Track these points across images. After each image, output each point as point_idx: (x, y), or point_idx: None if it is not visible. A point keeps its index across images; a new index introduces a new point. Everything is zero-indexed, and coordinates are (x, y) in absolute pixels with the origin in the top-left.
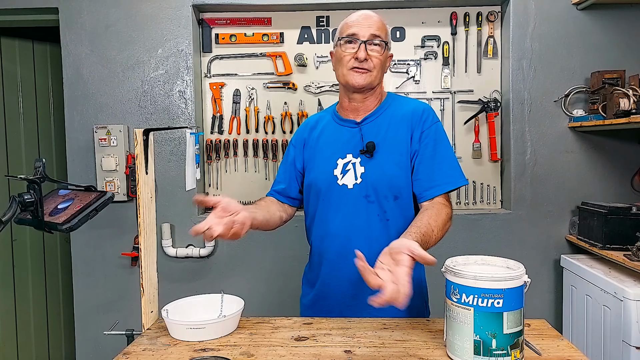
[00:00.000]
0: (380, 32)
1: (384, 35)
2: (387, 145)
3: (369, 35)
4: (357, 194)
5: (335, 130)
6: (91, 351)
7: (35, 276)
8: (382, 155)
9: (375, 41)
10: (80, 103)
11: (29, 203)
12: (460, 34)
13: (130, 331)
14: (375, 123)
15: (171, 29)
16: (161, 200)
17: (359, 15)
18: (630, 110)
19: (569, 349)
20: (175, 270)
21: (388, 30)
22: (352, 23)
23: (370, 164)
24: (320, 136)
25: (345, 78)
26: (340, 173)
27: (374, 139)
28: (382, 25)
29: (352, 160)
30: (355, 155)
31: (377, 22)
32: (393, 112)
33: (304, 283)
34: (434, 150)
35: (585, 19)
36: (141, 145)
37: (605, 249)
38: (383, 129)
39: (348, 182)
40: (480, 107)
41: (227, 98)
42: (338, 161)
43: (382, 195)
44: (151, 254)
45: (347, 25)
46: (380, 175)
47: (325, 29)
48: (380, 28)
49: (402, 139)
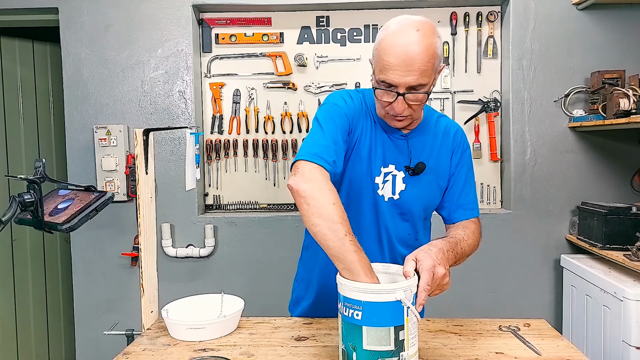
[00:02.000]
0: (424, 78)
1: (429, 76)
2: (431, 164)
3: (407, 88)
4: (392, 209)
5: (380, 133)
6: (91, 351)
7: (35, 276)
8: (427, 176)
9: (416, 89)
10: (80, 103)
11: (29, 203)
12: (460, 34)
13: (130, 331)
14: (421, 137)
15: (171, 29)
16: (161, 200)
17: (399, 57)
18: (630, 110)
19: (569, 349)
20: (175, 270)
21: (437, 58)
22: (390, 66)
23: (412, 184)
24: (365, 130)
25: (383, 117)
26: (381, 182)
27: (420, 155)
28: (427, 65)
29: (393, 172)
30: (398, 168)
31: (420, 65)
32: (435, 128)
33: (297, 286)
34: (466, 175)
35: (585, 19)
36: (141, 145)
37: (605, 249)
38: (428, 145)
39: (385, 193)
40: (480, 107)
41: (227, 98)
42: (381, 169)
43: (417, 216)
44: (151, 254)
45: (384, 66)
46: (420, 198)
47: (325, 29)
48: (424, 72)
49: (444, 160)
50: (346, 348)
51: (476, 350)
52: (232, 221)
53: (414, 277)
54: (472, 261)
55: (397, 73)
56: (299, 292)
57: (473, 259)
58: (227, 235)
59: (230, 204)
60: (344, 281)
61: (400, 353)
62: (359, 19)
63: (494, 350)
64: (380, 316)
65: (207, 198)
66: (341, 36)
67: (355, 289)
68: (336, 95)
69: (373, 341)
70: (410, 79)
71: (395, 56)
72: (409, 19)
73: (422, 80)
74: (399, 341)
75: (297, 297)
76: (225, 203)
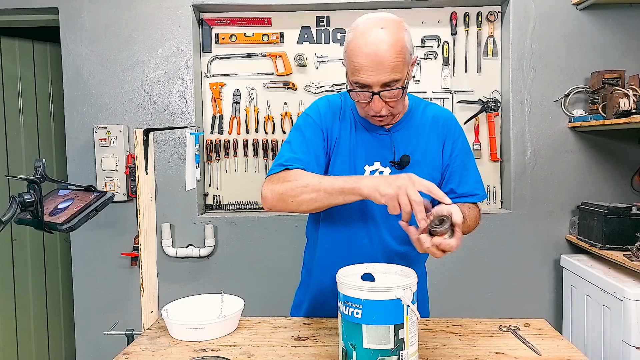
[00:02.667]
0: (396, 74)
1: (401, 70)
2: (419, 156)
3: (381, 86)
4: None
5: (361, 133)
6: (91, 351)
7: (35, 276)
8: (414, 168)
9: (390, 86)
10: (80, 103)
11: (29, 203)
12: (460, 34)
13: (130, 331)
14: (405, 130)
15: (171, 29)
16: (161, 200)
17: (368, 57)
18: (630, 110)
19: (569, 349)
20: (175, 270)
21: (407, 51)
22: (361, 67)
23: None
24: (343, 133)
25: (365, 117)
26: None
27: (405, 149)
28: (396, 61)
29: (380, 169)
30: (384, 164)
31: (390, 62)
32: (422, 118)
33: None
34: (462, 164)
35: (585, 19)
36: (141, 145)
37: (605, 249)
38: (414, 137)
39: None
40: (480, 107)
41: (227, 98)
42: (365, 167)
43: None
44: (151, 254)
45: (355, 68)
46: None
47: (325, 29)
48: (395, 68)
49: (434, 150)
50: (346, 347)
51: (476, 350)
52: (232, 221)
53: (413, 274)
54: (472, 261)
55: (369, 73)
56: (300, 296)
57: (473, 259)
58: (227, 235)
59: (230, 204)
60: (344, 280)
61: (400, 351)
62: None
63: (494, 350)
64: (380, 314)
65: (207, 198)
66: (341, 36)
67: (355, 287)
68: (311, 105)
69: (373, 340)
70: (382, 77)
71: (364, 56)
72: (374, 17)
73: (395, 75)
74: (398, 339)
75: (298, 301)
76: (225, 203)
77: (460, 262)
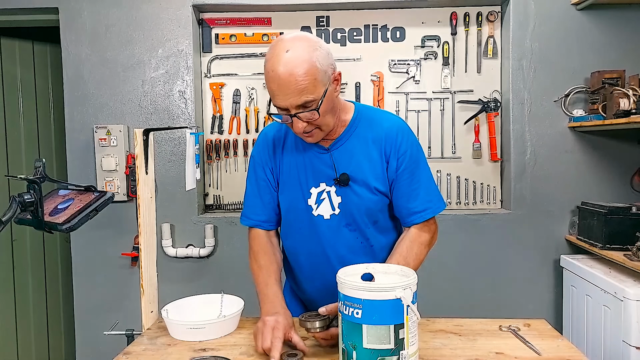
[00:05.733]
0: (307, 95)
1: (312, 91)
2: (361, 171)
3: (295, 108)
4: (338, 224)
5: (303, 155)
6: (91, 351)
7: (35, 276)
8: (357, 183)
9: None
10: (80, 103)
11: (29, 203)
12: (460, 34)
13: (130, 331)
14: (345, 147)
15: (171, 29)
16: (161, 200)
17: (275, 82)
18: (630, 110)
19: (569, 349)
20: (175, 270)
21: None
22: (273, 92)
23: (346, 193)
24: (286, 158)
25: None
26: (314, 203)
27: (346, 166)
28: (304, 83)
29: (326, 189)
30: (329, 184)
31: (297, 86)
32: (364, 133)
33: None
34: (410, 178)
35: (584, 19)
36: (141, 145)
37: (605, 249)
38: (356, 153)
39: (324, 212)
40: (480, 107)
41: (227, 98)
42: (312, 190)
43: (363, 223)
44: (151, 254)
45: (270, 91)
46: (358, 205)
47: (325, 29)
48: (304, 90)
49: (376, 164)
50: (346, 347)
51: (476, 350)
52: (232, 221)
53: (413, 274)
54: (472, 261)
55: (280, 97)
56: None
57: (473, 259)
58: (227, 235)
59: (230, 203)
60: (344, 279)
61: (400, 351)
62: (359, 19)
63: (494, 350)
64: (380, 314)
65: (207, 198)
66: (341, 36)
67: (355, 287)
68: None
69: (373, 339)
70: (293, 100)
71: (273, 82)
72: (281, 40)
73: (307, 97)
74: (399, 339)
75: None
76: (226, 203)
77: (461, 262)
